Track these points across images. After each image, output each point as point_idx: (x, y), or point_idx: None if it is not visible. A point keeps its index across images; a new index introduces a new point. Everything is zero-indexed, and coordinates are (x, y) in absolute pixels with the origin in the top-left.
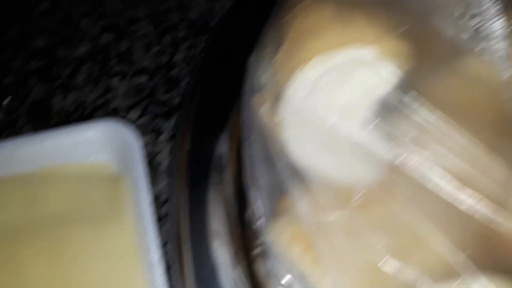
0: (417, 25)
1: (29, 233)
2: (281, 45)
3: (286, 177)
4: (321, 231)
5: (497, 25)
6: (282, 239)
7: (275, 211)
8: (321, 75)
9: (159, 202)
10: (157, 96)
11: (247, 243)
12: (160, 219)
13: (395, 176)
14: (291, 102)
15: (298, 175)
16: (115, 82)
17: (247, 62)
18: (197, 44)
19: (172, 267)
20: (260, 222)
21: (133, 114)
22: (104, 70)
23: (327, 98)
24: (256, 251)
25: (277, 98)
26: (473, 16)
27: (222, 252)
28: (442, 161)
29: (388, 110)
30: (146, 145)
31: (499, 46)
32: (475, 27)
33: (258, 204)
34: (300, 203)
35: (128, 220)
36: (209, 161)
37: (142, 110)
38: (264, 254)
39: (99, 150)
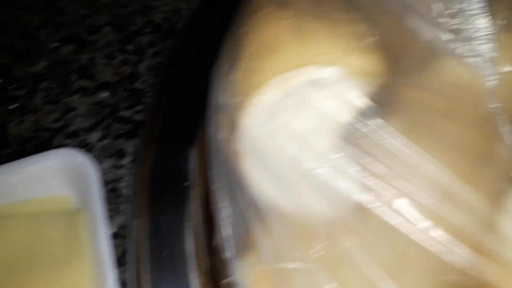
0: (388, 30)
1: None
2: (239, 62)
3: (248, 212)
4: (282, 277)
5: (481, 24)
6: (248, 279)
7: (244, 243)
8: (278, 99)
9: (124, 232)
10: (119, 112)
11: (215, 269)
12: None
13: (358, 214)
14: (248, 130)
15: (260, 211)
16: (75, 100)
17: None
18: (163, 50)
19: None
20: (228, 255)
21: (94, 135)
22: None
23: (286, 125)
24: (225, 281)
25: (234, 123)
26: (454, 15)
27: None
28: (411, 198)
29: (352, 139)
30: (108, 169)
31: (482, 48)
32: (456, 26)
33: (226, 235)
34: (262, 245)
35: (87, 259)
36: (174, 181)
37: (104, 130)
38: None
39: (56, 182)
